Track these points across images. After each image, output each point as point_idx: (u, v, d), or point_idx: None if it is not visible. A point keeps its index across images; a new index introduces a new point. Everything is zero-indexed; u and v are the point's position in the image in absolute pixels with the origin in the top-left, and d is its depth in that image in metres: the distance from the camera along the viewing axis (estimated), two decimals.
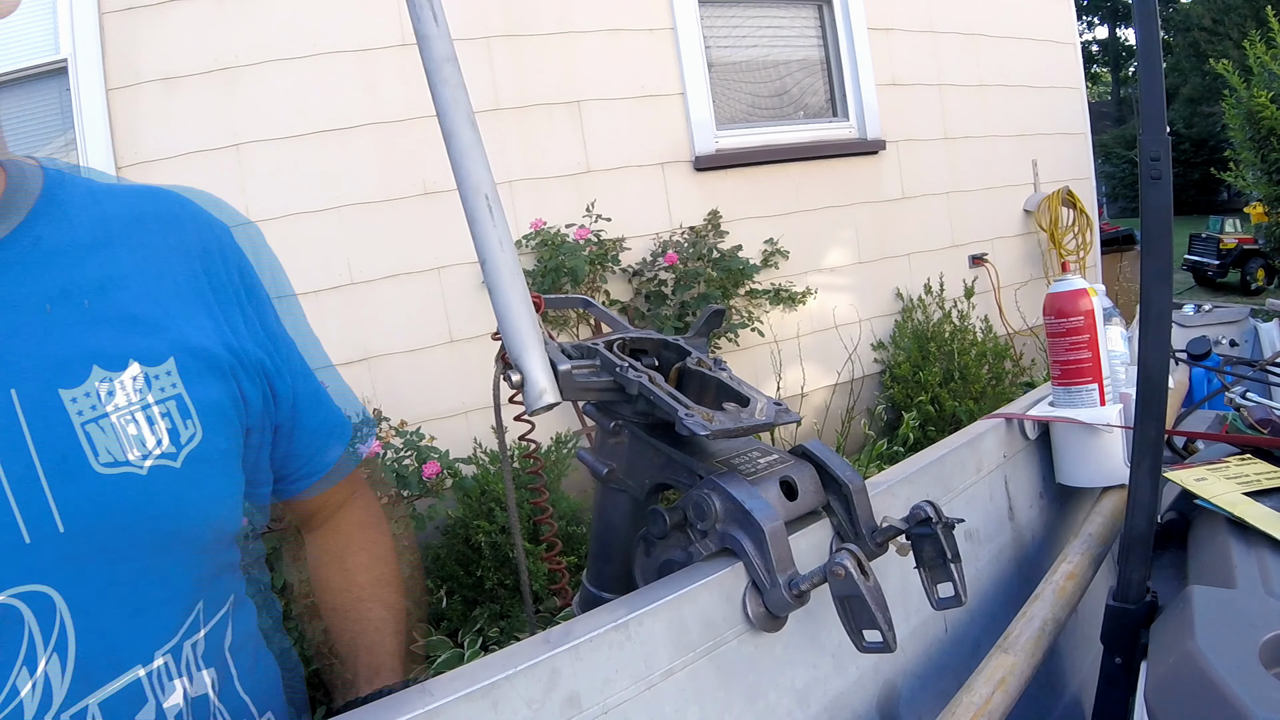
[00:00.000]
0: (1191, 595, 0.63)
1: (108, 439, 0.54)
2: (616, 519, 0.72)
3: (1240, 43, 7.97)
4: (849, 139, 4.22)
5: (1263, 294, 10.91)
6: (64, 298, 0.55)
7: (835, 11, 4.19)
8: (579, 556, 2.65)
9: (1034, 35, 4.93)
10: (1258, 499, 0.81)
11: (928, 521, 0.61)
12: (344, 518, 0.85)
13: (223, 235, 0.69)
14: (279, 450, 0.72)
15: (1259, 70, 7.28)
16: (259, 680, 0.67)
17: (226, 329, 0.65)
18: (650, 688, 0.51)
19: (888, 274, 4.31)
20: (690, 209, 3.70)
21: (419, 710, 0.42)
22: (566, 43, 3.47)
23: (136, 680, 0.54)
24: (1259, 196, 8.34)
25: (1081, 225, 4.94)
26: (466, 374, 3.19)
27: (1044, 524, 1.07)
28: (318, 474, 0.77)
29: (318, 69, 3.03)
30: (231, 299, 0.67)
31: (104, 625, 0.53)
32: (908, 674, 0.74)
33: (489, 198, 0.62)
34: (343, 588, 0.81)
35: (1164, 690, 0.55)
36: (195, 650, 0.59)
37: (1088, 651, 0.96)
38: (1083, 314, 1.02)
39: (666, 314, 3.38)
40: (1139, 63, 0.67)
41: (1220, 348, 1.87)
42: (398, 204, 3.15)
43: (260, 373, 0.66)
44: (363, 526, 0.85)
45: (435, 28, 0.61)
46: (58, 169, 0.63)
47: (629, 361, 0.66)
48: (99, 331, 0.56)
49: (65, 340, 0.54)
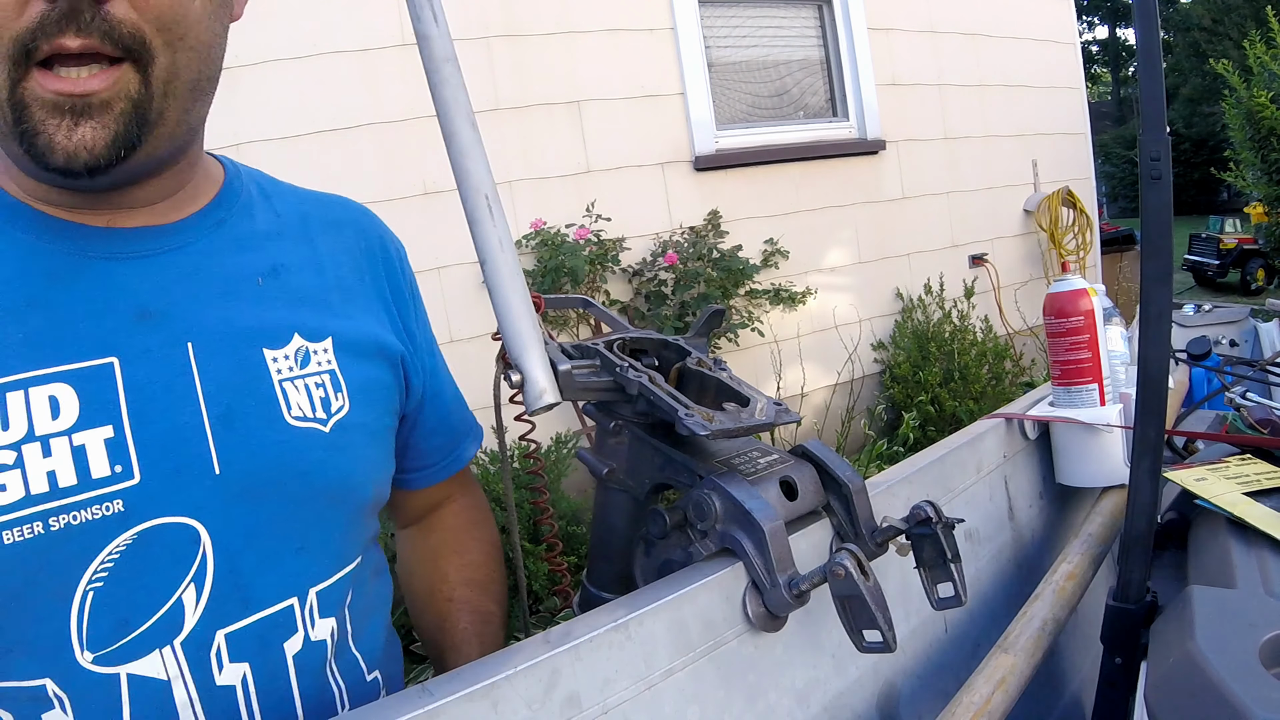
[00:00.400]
0: (1191, 595, 0.63)
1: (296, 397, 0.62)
2: (616, 519, 0.72)
3: (1240, 43, 7.98)
4: (849, 139, 4.22)
5: (1263, 294, 10.90)
6: (240, 275, 0.63)
7: (835, 11, 4.19)
8: (579, 556, 2.65)
9: (1034, 35, 4.93)
10: (1258, 499, 0.81)
11: (928, 521, 0.61)
12: (445, 517, 0.87)
13: (386, 241, 0.77)
14: (408, 441, 0.77)
15: (1259, 70, 7.28)
16: (370, 643, 0.70)
17: (384, 321, 0.72)
18: (650, 688, 0.51)
19: (888, 274, 4.31)
20: (690, 209, 3.70)
21: (419, 710, 0.42)
22: (566, 43, 3.47)
23: (280, 613, 0.60)
24: (1259, 196, 8.34)
25: (1081, 225, 4.94)
26: (466, 374, 3.17)
27: (1044, 524, 1.07)
28: (452, 470, 0.83)
29: (318, 69, 3.03)
30: (389, 296, 0.74)
31: (247, 562, 0.58)
32: (908, 674, 0.74)
33: (489, 198, 0.62)
34: (433, 591, 0.83)
35: (1164, 690, 0.55)
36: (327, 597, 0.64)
37: (1088, 651, 0.96)
38: (1083, 314, 1.02)
39: (666, 314, 3.38)
40: (1139, 63, 0.67)
41: (1220, 348, 1.87)
42: (398, 204, 3.15)
43: (403, 365, 0.73)
44: (459, 529, 0.87)
45: (435, 28, 0.61)
46: (234, 163, 0.70)
47: (629, 361, 0.66)
48: (269, 307, 0.63)
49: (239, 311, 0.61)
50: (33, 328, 0.53)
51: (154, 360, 0.56)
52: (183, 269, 0.60)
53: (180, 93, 0.54)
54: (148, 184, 0.59)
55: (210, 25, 0.55)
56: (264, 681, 0.58)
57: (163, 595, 0.55)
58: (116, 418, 0.54)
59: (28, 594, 0.51)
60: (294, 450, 0.60)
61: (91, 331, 0.55)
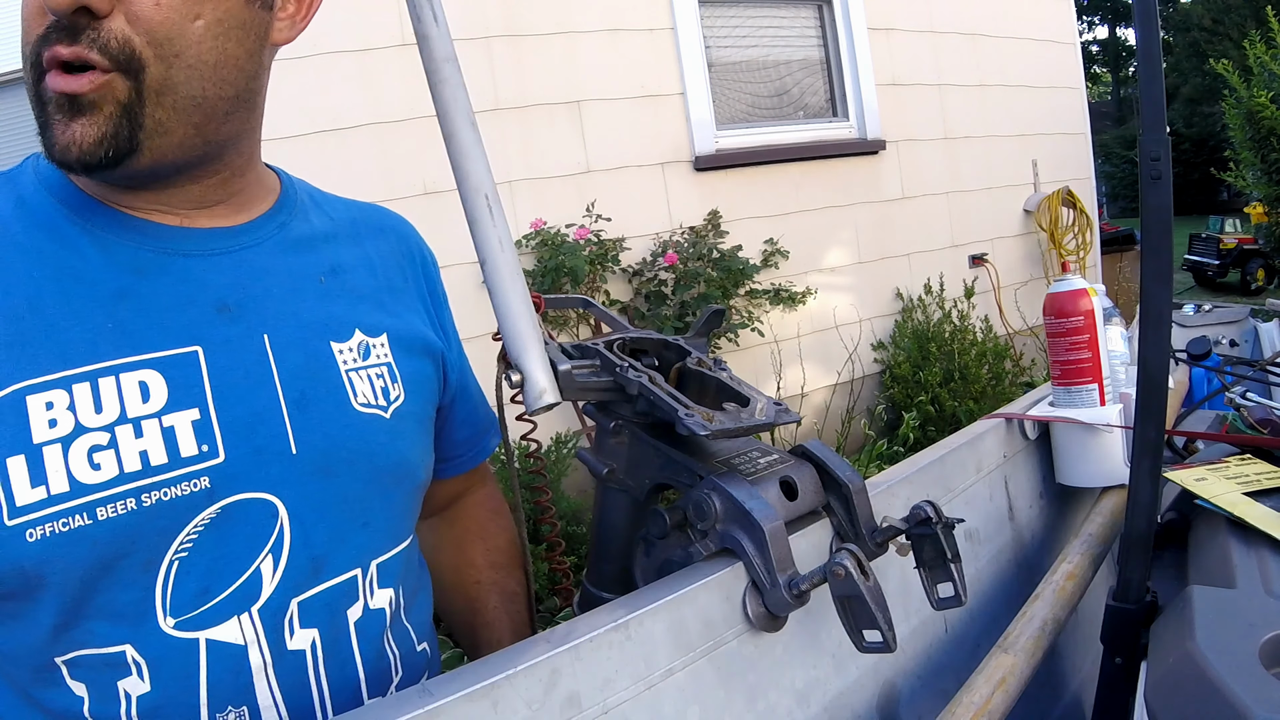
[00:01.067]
0: (1191, 595, 0.63)
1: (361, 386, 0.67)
2: (616, 519, 0.72)
3: (1240, 43, 7.97)
4: (849, 139, 4.21)
5: (1263, 294, 10.90)
6: (305, 273, 0.68)
7: (835, 11, 4.18)
8: (579, 556, 2.65)
9: (1034, 35, 4.93)
10: (1258, 499, 0.81)
11: (928, 521, 0.61)
12: (467, 508, 0.91)
13: (423, 247, 0.84)
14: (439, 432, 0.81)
15: (1259, 70, 7.28)
16: (419, 616, 0.75)
17: (428, 318, 0.78)
18: (650, 688, 0.51)
19: (888, 274, 4.31)
20: (690, 209, 3.70)
21: (419, 710, 0.42)
22: (566, 43, 3.47)
23: (348, 581, 0.64)
24: (1259, 196, 8.34)
25: (1081, 225, 4.94)
26: None
27: (1044, 524, 1.07)
28: (477, 460, 0.88)
29: (318, 69, 3.03)
30: (429, 297, 0.80)
31: (319, 534, 0.62)
32: (908, 674, 0.74)
33: (489, 198, 0.62)
34: (460, 575, 0.87)
35: (1164, 690, 0.55)
36: (386, 569, 0.68)
37: (1088, 651, 0.96)
38: (1083, 314, 1.02)
39: (666, 314, 3.38)
40: (1139, 63, 0.67)
41: (1220, 348, 1.87)
42: (398, 204, 3.13)
43: (443, 361, 0.78)
44: (484, 518, 0.92)
45: (435, 28, 0.62)
46: (285, 173, 0.75)
47: (629, 361, 0.66)
48: (333, 304, 0.68)
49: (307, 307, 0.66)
50: (122, 317, 0.57)
51: (234, 349, 0.60)
52: (255, 267, 0.65)
53: (182, 106, 0.56)
54: (201, 185, 0.63)
55: (217, 45, 0.57)
56: (330, 646, 0.63)
57: (243, 565, 0.58)
58: (202, 401, 0.58)
59: (119, 565, 0.54)
60: (361, 433, 0.65)
61: (177, 322, 0.59)
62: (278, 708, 0.59)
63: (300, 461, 0.61)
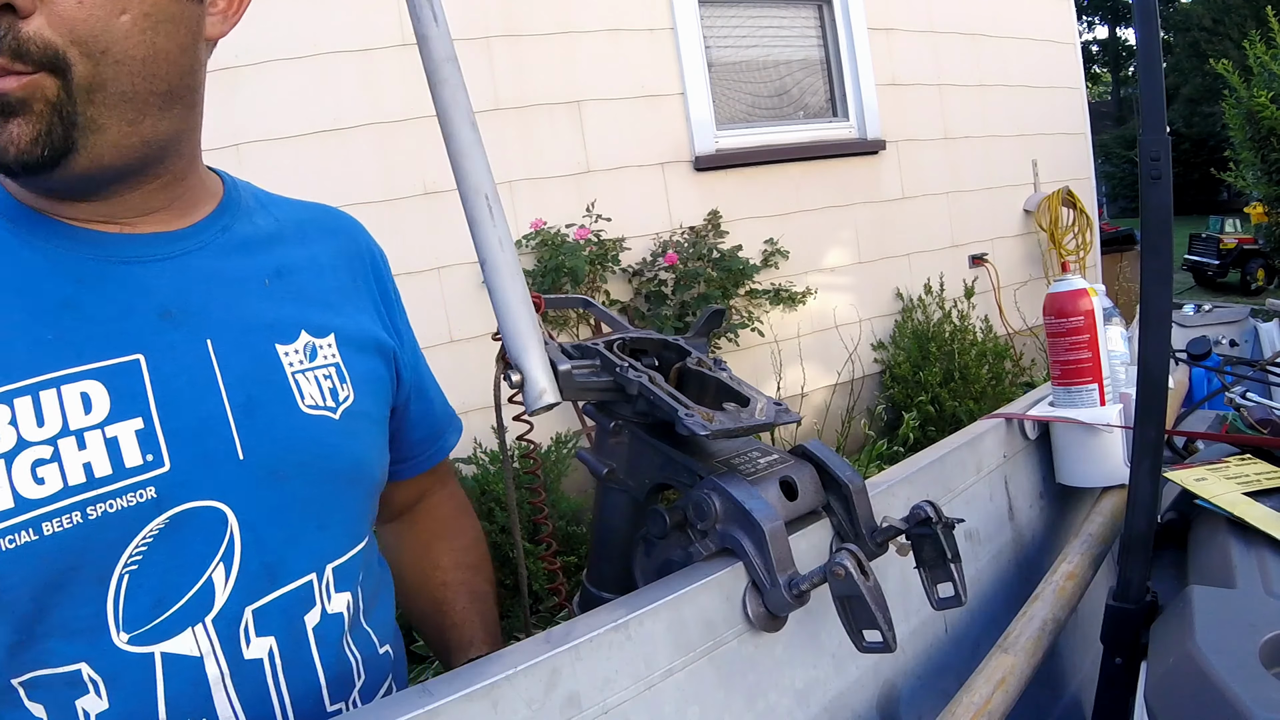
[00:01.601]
0: (1191, 595, 0.63)
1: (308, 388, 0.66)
2: (616, 519, 0.72)
3: (1240, 43, 7.97)
4: (849, 139, 4.21)
5: (1263, 294, 10.90)
6: (250, 276, 0.67)
7: (835, 11, 4.18)
8: (579, 556, 2.65)
9: (1034, 35, 4.93)
10: (1258, 499, 0.81)
11: (928, 521, 0.61)
12: (429, 509, 0.91)
13: (372, 246, 0.83)
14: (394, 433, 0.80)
15: (1259, 70, 7.27)
16: (380, 617, 0.74)
17: (379, 318, 0.77)
18: (650, 688, 0.51)
19: (888, 274, 4.31)
20: (690, 209, 3.70)
21: (419, 710, 0.42)
22: (566, 43, 3.47)
23: (303, 587, 0.63)
24: (1259, 196, 8.33)
25: (1081, 225, 4.94)
26: (466, 374, 3.18)
27: (1044, 524, 1.07)
28: (435, 460, 0.88)
29: (318, 69, 3.03)
30: (381, 297, 0.80)
31: (272, 541, 0.61)
32: (908, 674, 0.74)
33: (489, 198, 0.62)
34: (426, 577, 0.86)
35: (1164, 690, 0.55)
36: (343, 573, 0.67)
37: (1088, 651, 0.96)
38: (1083, 314, 1.02)
39: (666, 314, 3.38)
40: (1139, 63, 0.67)
41: (1220, 348, 1.87)
42: (398, 204, 3.15)
43: (395, 360, 0.77)
44: (447, 518, 0.91)
45: (435, 28, 0.61)
46: (228, 175, 0.74)
47: (629, 361, 0.66)
48: (278, 306, 0.67)
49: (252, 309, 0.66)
50: (64, 328, 0.56)
51: (177, 356, 0.60)
52: (198, 271, 0.64)
53: (114, 103, 0.55)
54: (141, 192, 0.62)
55: (145, 40, 0.55)
56: (289, 653, 0.62)
57: (194, 575, 0.58)
58: (145, 410, 0.57)
59: (68, 581, 0.53)
60: (310, 435, 0.64)
61: (118, 330, 0.58)
62: (238, 718, 0.59)
63: (249, 467, 0.60)
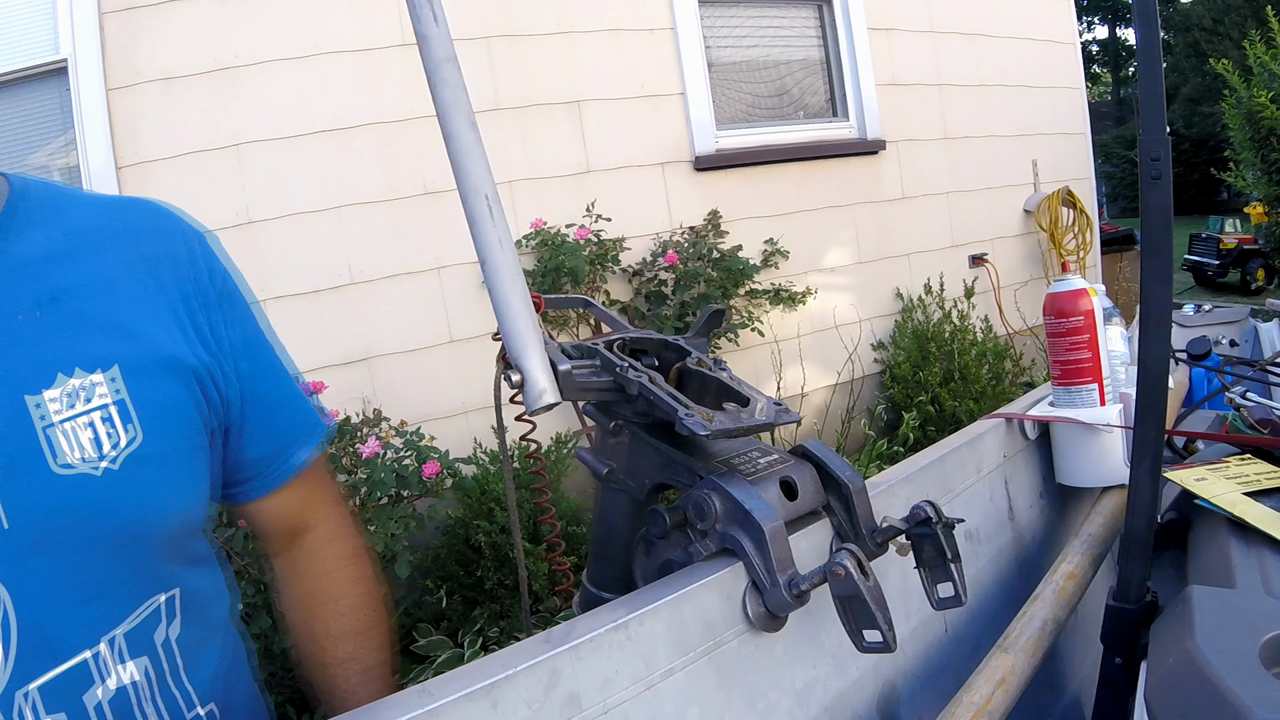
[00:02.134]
0: (1191, 595, 0.63)
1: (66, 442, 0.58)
2: (616, 519, 0.72)
3: (1240, 43, 7.97)
4: (849, 139, 4.21)
5: (1263, 294, 10.90)
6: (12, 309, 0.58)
7: (835, 11, 4.18)
8: (579, 556, 2.65)
9: (1034, 35, 4.93)
10: (1258, 499, 0.81)
11: (928, 521, 0.61)
12: (310, 556, 0.82)
13: (195, 242, 0.72)
14: (230, 454, 0.73)
15: (1259, 70, 7.28)
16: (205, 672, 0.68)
17: (190, 334, 0.68)
18: (650, 688, 0.51)
19: (888, 274, 4.31)
20: (690, 209, 3.70)
21: (419, 710, 0.42)
22: (566, 43, 3.47)
23: (83, 664, 0.58)
24: (1259, 196, 8.34)
25: (1081, 225, 4.94)
26: (466, 374, 3.19)
27: (1044, 524, 1.07)
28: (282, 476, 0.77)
29: (318, 69, 3.03)
30: (198, 305, 0.69)
31: (48, 614, 0.56)
32: (908, 674, 0.74)
33: (489, 198, 0.62)
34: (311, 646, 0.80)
35: (1164, 690, 0.55)
36: (135, 637, 0.62)
37: (1088, 651, 0.96)
38: (1083, 314, 1.02)
39: (666, 314, 3.37)
40: (1139, 63, 0.67)
41: (1220, 348, 1.87)
42: (398, 204, 3.15)
43: (207, 379, 0.68)
44: (330, 571, 0.82)
45: (435, 28, 0.61)
46: (23, 179, 0.65)
47: (629, 361, 0.66)
48: (44, 343, 0.59)
49: (21, 349, 0.58)
50: None
51: None
52: None
53: None
54: None
55: None
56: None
57: None
58: None
59: None
60: (67, 499, 0.57)
61: None
62: None
63: (13, 536, 0.54)
